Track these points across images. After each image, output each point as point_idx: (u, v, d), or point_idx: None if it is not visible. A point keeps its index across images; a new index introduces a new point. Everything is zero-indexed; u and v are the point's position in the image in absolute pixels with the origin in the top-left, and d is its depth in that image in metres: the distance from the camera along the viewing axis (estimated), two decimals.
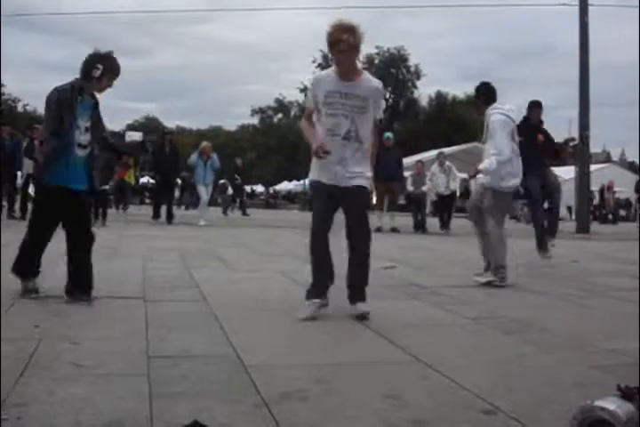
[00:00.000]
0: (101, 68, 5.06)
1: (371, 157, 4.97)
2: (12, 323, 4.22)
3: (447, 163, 16.63)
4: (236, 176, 24.76)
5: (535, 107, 9.09)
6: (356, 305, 4.79)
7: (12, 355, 3.38)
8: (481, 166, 6.56)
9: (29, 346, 3.55)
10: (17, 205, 15.87)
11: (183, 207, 28.73)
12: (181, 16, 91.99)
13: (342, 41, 4.55)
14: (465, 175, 10.30)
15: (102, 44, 5.19)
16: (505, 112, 6.65)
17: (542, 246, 9.03)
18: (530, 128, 8.56)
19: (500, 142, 6.49)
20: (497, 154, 6.46)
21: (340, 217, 4.84)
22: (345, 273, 4.86)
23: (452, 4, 39.65)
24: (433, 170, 16.62)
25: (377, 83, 4.88)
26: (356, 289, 4.86)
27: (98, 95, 5.24)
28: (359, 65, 4.93)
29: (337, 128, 4.77)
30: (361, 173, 4.85)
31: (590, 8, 18.54)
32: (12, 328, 4.05)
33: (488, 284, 6.51)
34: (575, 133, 18.33)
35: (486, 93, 6.95)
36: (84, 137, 5.10)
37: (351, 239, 4.89)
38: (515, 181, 6.79)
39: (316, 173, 4.93)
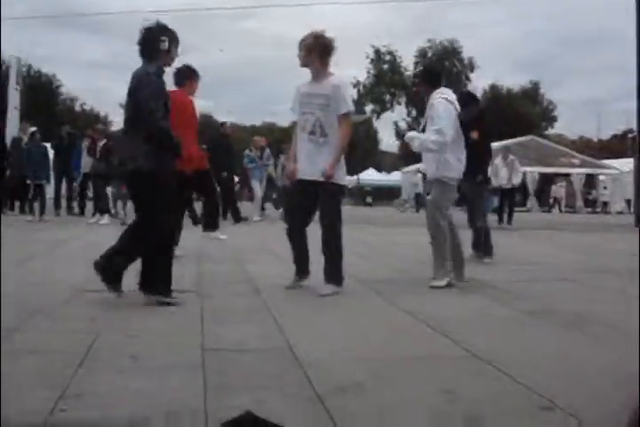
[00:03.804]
0: (167, 39, 4.85)
1: (339, 149, 5.40)
2: (70, 316, 4.31)
3: (511, 156, 16.34)
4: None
5: (474, 103, 7.61)
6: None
7: (70, 347, 3.44)
8: (416, 143, 5.96)
9: (87, 339, 3.61)
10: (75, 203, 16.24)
11: None
12: (225, 13, 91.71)
13: (303, 42, 5.40)
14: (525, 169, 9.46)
15: None
16: (449, 98, 6.05)
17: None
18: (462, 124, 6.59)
19: (444, 124, 5.84)
20: (438, 134, 5.83)
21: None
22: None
23: None
24: (496, 163, 16.34)
25: (338, 81, 5.46)
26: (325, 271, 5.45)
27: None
28: (326, 69, 5.49)
29: (305, 124, 5.44)
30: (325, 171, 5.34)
31: None
32: (69, 321, 4.14)
33: (449, 286, 5.90)
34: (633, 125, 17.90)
35: (431, 77, 6.40)
36: None
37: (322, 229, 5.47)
38: (457, 173, 6.12)
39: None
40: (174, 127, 5.27)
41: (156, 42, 4.86)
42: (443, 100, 5.96)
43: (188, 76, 7.39)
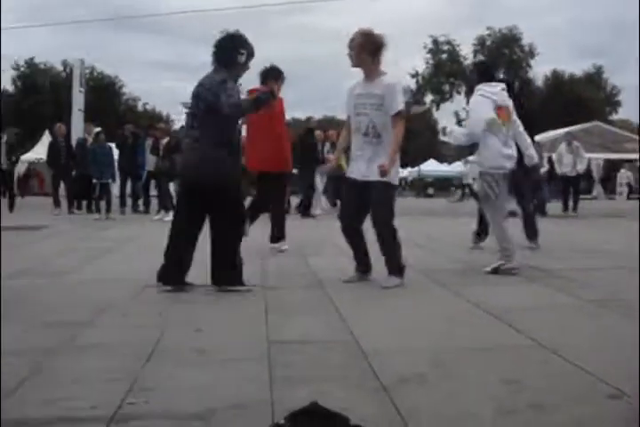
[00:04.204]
0: (245, 53, 4.94)
1: (393, 149, 5.33)
2: (138, 311, 4.40)
3: (575, 143, 16.07)
4: None
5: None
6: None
7: (138, 342, 3.53)
8: (450, 136, 6.53)
9: (155, 333, 3.69)
10: (141, 201, 16.51)
11: None
12: (279, 9, 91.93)
13: (353, 41, 5.33)
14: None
15: (211, 42, 5.08)
16: (485, 93, 6.17)
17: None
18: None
19: (470, 123, 6.27)
20: (464, 129, 6.39)
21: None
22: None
23: None
24: (560, 150, 16.07)
25: (390, 80, 5.39)
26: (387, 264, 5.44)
27: None
28: (378, 67, 5.43)
29: (359, 126, 5.39)
30: (380, 167, 5.26)
31: None
32: (137, 316, 4.23)
33: (495, 271, 6.02)
34: None
35: (478, 73, 6.62)
36: None
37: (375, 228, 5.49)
38: (504, 164, 6.13)
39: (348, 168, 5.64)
40: (265, 124, 5.58)
41: (235, 53, 4.93)
42: (476, 97, 6.19)
43: (273, 75, 7.57)
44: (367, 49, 5.34)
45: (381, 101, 5.31)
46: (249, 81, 7.13)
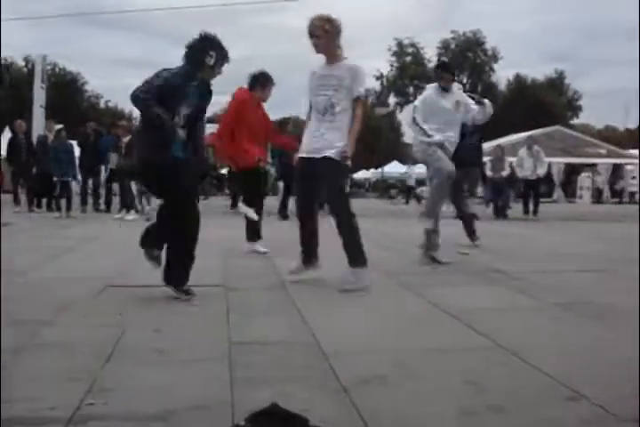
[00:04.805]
0: (214, 55, 4.83)
1: (352, 131, 5.39)
2: (98, 311, 4.35)
3: (536, 147, 16.22)
4: None
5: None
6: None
7: (98, 342, 3.48)
8: None
9: (114, 333, 3.64)
10: (102, 199, 16.35)
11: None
12: (250, 8, 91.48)
13: (318, 28, 5.34)
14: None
15: (178, 39, 5.00)
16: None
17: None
18: None
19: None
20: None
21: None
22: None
23: None
24: (521, 154, 16.21)
25: (353, 64, 5.44)
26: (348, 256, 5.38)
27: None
28: (341, 52, 5.49)
29: (317, 106, 5.46)
30: (331, 144, 5.33)
31: None
32: (97, 316, 4.18)
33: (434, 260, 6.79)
34: None
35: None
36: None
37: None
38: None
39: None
40: (230, 124, 5.50)
41: (203, 54, 4.81)
42: None
43: (260, 81, 7.57)
44: (334, 34, 5.41)
45: (342, 83, 5.36)
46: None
